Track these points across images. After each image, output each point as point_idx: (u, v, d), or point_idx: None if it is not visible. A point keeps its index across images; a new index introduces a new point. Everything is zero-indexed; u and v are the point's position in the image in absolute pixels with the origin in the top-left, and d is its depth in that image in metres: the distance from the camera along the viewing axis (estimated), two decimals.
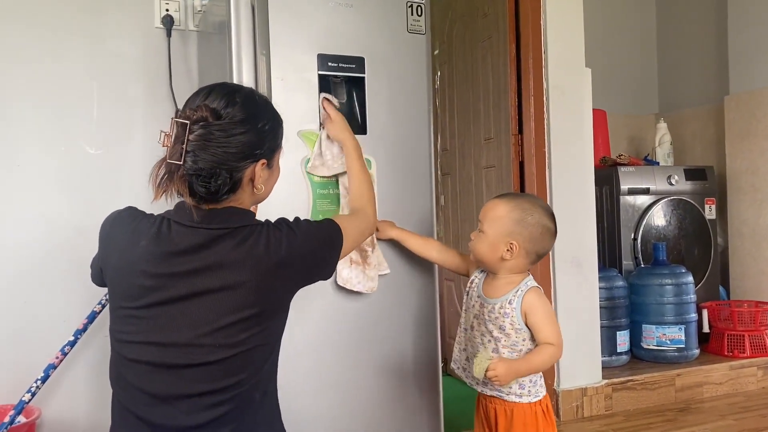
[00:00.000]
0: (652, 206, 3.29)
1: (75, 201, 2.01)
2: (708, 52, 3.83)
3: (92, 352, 2.00)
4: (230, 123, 1.13)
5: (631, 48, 4.11)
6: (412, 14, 1.75)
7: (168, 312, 1.11)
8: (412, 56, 1.75)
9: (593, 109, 2.73)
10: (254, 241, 1.14)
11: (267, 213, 1.29)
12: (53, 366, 1.78)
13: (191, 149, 1.09)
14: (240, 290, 1.11)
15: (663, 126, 3.67)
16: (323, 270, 1.29)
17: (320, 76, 1.64)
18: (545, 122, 2.62)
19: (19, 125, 1.98)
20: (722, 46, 3.65)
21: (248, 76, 1.57)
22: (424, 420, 1.75)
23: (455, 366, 1.63)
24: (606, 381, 2.69)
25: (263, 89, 1.57)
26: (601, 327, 2.73)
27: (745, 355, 3.02)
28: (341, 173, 1.63)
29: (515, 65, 2.67)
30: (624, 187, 3.25)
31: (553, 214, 1.53)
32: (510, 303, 1.48)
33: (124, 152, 2.08)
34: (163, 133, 1.12)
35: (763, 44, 3.37)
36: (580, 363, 2.63)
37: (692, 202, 3.37)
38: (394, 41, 1.73)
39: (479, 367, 1.41)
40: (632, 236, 3.27)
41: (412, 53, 1.75)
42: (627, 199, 3.27)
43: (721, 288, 3.47)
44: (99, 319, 1.82)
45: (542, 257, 1.57)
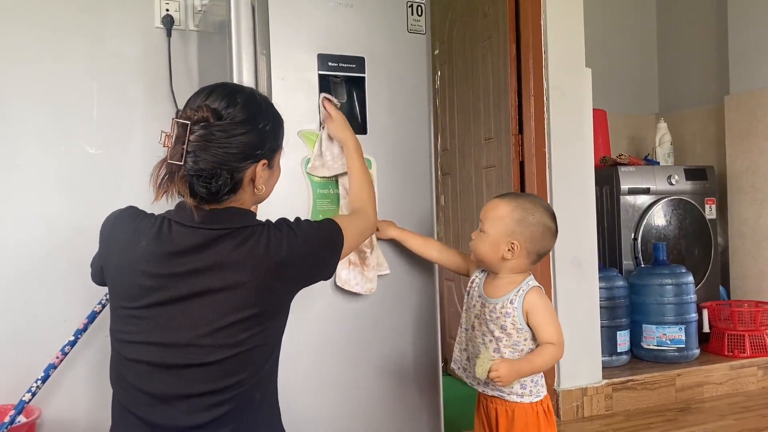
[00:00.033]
0: (653, 206, 3.29)
1: (75, 201, 2.01)
2: (708, 52, 3.83)
3: (92, 352, 2.00)
4: (231, 123, 1.12)
5: (632, 48, 4.11)
6: (413, 14, 1.75)
7: (168, 312, 1.11)
8: (413, 56, 1.75)
9: (593, 109, 2.73)
10: (255, 242, 1.14)
11: (267, 213, 1.29)
12: (53, 366, 1.78)
13: (192, 150, 1.09)
14: (240, 290, 1.11)
15: (663, 126, 3.67)
16: (324, 270, 1.29)
17: (320, 76, 1.64)
18: (545, 122, 2.62)
19: (19, 125, 1.98)
20: (722, 46, 3.65)
21: (248, 76, 1.56)
22: (424, 420, 1.75)
23: (455, 366, 1.63)
24: (606, 381, 2.69)
25: (263, 89, 1.57)
26: (602, 327, 2.73)
27: (746, 355, 3.02)
28: (341, 174, 1.63)
29: (515, 65, 2.67)
30: (624, 187, 3.25)
31: (554, 214, 1.53)
32: (511, 303, 1.48)
33: (124, 152, 2.08)
34: (164, 134, 1.11)
35: (763, 44, 3.37)
36: (581, 363, 2.63)
37: (692, 202, 3.37)
38: (395, 41, 1.73)
39: (482, 368, 1.41)
40: (632, 236, 3.27)
41: (413, 53, 1.75)
42: (627, 199, 3.27)
43: (722, 288, 3.46)
44: (99, 319, 1.82)
45: (543, 257, 1.57)
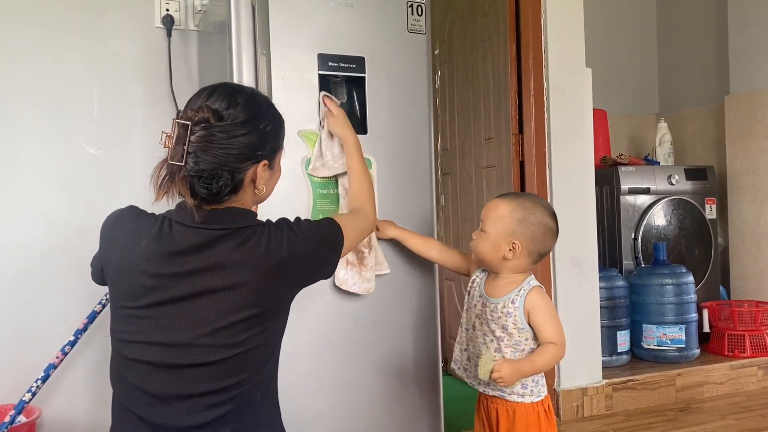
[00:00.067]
0: (653, 206, 3.29)
1: (75, 201, 2.01)
2: (708, 52, 3.83)
3: (92, 352, 2.00)
4: (232, 124, 1.12)
5: (632, 48, 4.10)
6: (413, 14, 1.75)
7: (169, 312, 1.11)
8: (413, 56, 1.75)
9: (593, 109, 2.73)
10: (256, 242, 1.14)
11: (268, 213, 1.29)
12: (53, 366, 1.78)
13: (193, 150, 1.09)
14: (241, 290, 1.11)
15: (663, 126, 3.67)
16: (324, 270, 1.29)
17: (320, 76, 1.64)
18: (546, 122, 2.61)
19: (19, 125, 1.98)
20: (722, 46, 3.64)
21: (248, 76, 1.56)
22: (424, 420, 1.75)
23: (456, 366, 1.63)
24: (606, 381, 2.69)
25: (263, 89, 1.57)
26: (602, 327, 2.73)
27: (746, 355, 3.02)
28: (341, 173, 1.63)
29: (515, 65, 2.67)
30: (624, 187, 3.25)
31: (555, 214, 1.53)
32: (513, 302, 1.48)
33: (124, 152, 2.08)
34: (165, 134, 1.11)
35: (764, 44, 3.37)
36: (581, 363, 2.63)
37: (693, 202, 3.37)
38: (395, 41, 1.73)
39: (484, 369, 1.40)
40: (632, 236, 3.27)
41: (413, 53, 1.75)
42: (627, 199, 3.27)
43: (722, 288, 3.46)
44: (99, 319, 1.82)
45: (544, 257, 1.57)
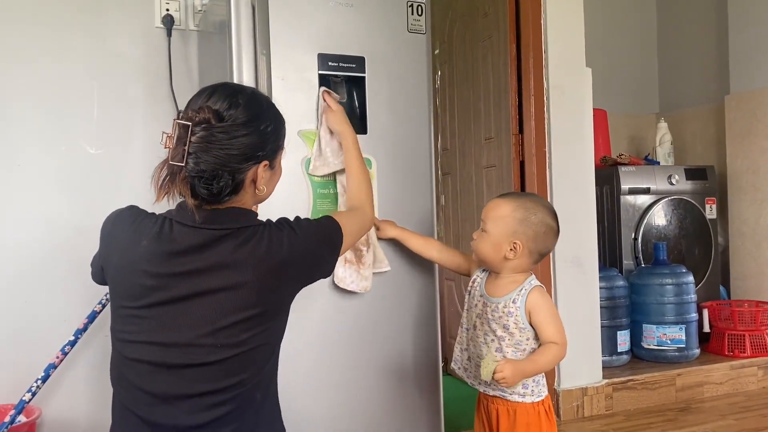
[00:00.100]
0: (653, 206, 3.29)
1: (75, 201, 2.01)
2: (708, 52, 3.83)
3: (93, 352, 2.00)
4: (233, 125, 1.12)
5: (632, 47, 4.10)
6: (413, 14, 1.75)
7: (169, 312, 1.11)
8: (413, 56, 1.75)
9: (594, 109, 2.73)
10: (256, 242, 1.14)
11: (268, 213, 1.28)
12: (53, 366, 1.78)
13: (193, 151, 1.09)
14: (242, 290, 1.11)
15: (663, 125, 3.67)
16: (323, 268, 1.29)
17: (320, 76, 1.64)
18: (546, 122, 2.61)
19: (19, 125, 1.98)
20: (723, 46, 3.64)
21: (248, 76, 1.56)
22: (424, 420, 1.75)
23: (456, 366, 1.63)
24: (606, 381, 2.69)
25: (263, 89, 1.57)
26: (602, 327, 2.73)
27: (746, 355, 3.02)
28: (339, 170, 1.63)
29: (515, 65, 2.67)
30: (624, 187, 3.25)
31: (556, 213, 1.53)
32: (514, 302, 1.48)
33: (124, 152, 2.07)
34: (165, 135, 1.11)
35: (764, 44, 3.37)
36: (581, 363, 2.63)
37: (693, 202, 3.37)
38: (395, 41, 1.73)
39: (487, 370, 1.40)
40: (633, 236, 3.27)
41: (413, 53, 1.75)
42: (627, 199, 3.27)
43: (722, 288, 3.46)
44: (99, 319, 1.82)
45: (545, 256, 1.57)
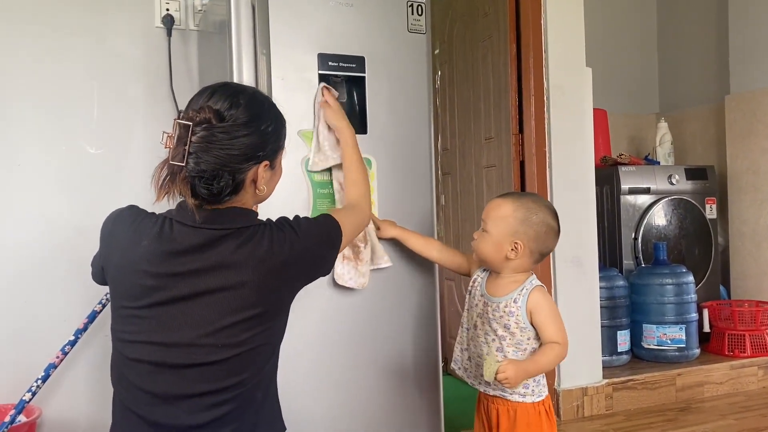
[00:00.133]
0: (653, 206, 3.29)
1: (75, 201, 2.01)
2: (709, 52, 3.83)
3: (93, 352, 2.00)
4: (233, 125, 1.12)
5: (632, 47, 4.10)
6: (413, 14, 1.75)
7: (170, 312, 1.11)
8: (413, 56, 1.75)
9: (594, 109, 2.73)
10: (257, 242, 1.14)
11: (268, 212, 1.28)
12: (54, 365, 1.78)
13: (194, 151, 1.09)
14: (242, 290, 1.11)
15: (664, 125, 3.67)
16: (323, 267, 1.29)
17: (321, 76, 1.64)
18: (546, 122, 2.61)
19: (19, 125, 1.98)
20: (723, 46, 3.64)
21: (248, 76, 1.56)
22: (424, 420, 1.75)
23: (456, 366, 1.63)
24: (606, 380, 2.69)
25: (263, 89, 1.57)
26: (602, 326, 2.73)
27: (746, 355, 3.02)
28: (336, 166, 1.62)
29: (516, 65, 2.67)
30: (624, 187, 3.25)
31: (557, 213, 1.53)
32: (515, 302, 1.48)
33: (124, 152, 2.07)
34: (166, 134, 1.11)
35: (764, 44, 3.36)
36: (581, 362, 2.63)
37: (693, 202, 3.37)
38: (395, 41, 1.73)
39: (489, 370, 1.40)
40: (633, 236, 3.27)
41: (413, 53, 1.75)
42: (627, 199, 3.27)
43: (722, 287, 3.46)
44: (100, 319, 1.82)
45: (546, 256, 1.57)
